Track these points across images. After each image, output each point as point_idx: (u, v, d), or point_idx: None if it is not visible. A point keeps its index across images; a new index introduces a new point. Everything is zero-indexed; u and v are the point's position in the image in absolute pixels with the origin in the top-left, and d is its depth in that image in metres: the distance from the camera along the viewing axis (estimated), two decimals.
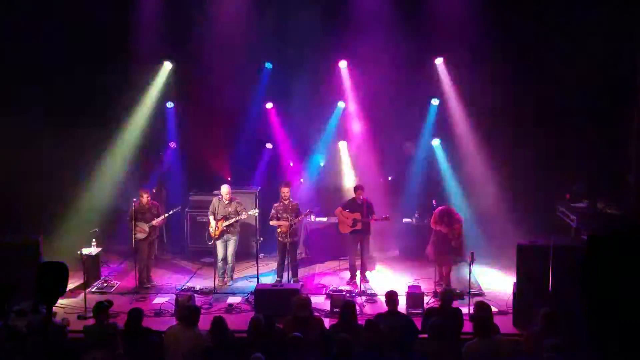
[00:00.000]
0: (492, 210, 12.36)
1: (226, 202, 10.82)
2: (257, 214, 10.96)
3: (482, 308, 7.57)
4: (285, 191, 10.74)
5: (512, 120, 12.27)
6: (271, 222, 10.86)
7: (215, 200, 10.98)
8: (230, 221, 10.75)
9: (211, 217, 10.84)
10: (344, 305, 7.58)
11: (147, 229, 10.62)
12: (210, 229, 10.86)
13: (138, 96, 12.80)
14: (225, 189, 10.85)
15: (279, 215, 10.75)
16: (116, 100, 12.51)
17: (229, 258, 10.94)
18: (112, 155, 12.69)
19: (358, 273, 10.87)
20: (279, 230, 10.75)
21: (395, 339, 7.02)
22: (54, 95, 12.13)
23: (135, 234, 10.58)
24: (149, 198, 10.74)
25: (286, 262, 10.77)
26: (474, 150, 12.70)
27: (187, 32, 12.46)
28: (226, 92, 12.65)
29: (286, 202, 10.74)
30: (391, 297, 7.66)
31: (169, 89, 13.03)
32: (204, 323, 7.38)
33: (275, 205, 10.87)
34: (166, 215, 10.93)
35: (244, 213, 10.74)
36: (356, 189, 11.04)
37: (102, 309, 7.44)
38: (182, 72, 12.95)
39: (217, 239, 10.80)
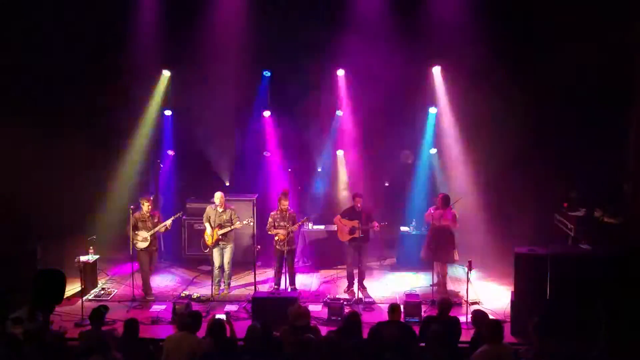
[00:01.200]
0: (489, 218, 12.38)
1: (220, 210, 10.77)
2: (251, 224, 10.89)
3: (479, 316, 7.56)
4: (284, 201, 10.74)
5: (509, 129, 12.29)
6: (269, 231, 10.85)
7: (208, 208, 10.91)
8: (225, 230, 10.70)
9: (207, 225, 10.82)
10: (350, 315, 7.54)
11: (148, 238, 10.54)
12: (206, 236, 10.82)
13: (136, 104, 12.81)
14: (218, 195, 10.80)
15: (276, 224, 10.75)
16: (115, 109, 12.51)
17: (226, 266, 10.90)
18: (110, 162, 12.69)
19: (355, 282, 10.86)
20: (276, 238, 10.75)
21: (396, 347, 7.00)
22: (54, 103, 12.15)
23: (136, 243, 10.50)
24: (149, 206, 10.60)
25: (283, 270, 10.76)
26: (470, 159, 12.73)
27: (185, 39, 12.48)
28: (224, 100, 12.68)
29: (283, 210, 10.74)
30: (394, 309, 7.63)
31: (167, 97, 13.05)
32: (201, 332, 7.37)
33: (272, 213, 10.87)
34: (169, 221, 10.72)
35: (238, 222, 10.70)
36: (355, 196, 11.03)
37: (98, 314, 7.42)
38: (180, 80, 12.96)
39: (213, 246, 10.76)
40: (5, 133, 11.49)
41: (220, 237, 10.71)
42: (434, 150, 13.06)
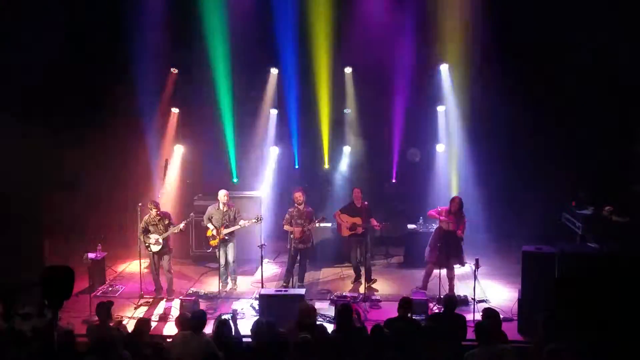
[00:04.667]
0: (496, 216, 12.36)
1: (224, 209, 10.76)
2: (260, 221, 10.85)
3: (490, 315, 7.52)
4: (297, 196, 10.73)
5: (517, 126, 12.28)
6: (285, 227, 10.86)
7: (210, 208, 10.89)
8: (232, 229, 10.69)
9: (209, 225, 10.80)
10: (339, 309, 7.52)
11: (160, 241, 10.46)
12: (209, 236, 10.79)
13: (145, 102, 12.86)
14: (222, 193, 10.79)
15: (292, 221, 10.74)
16: (123, 107, 12.56)
17: (231, 262, 10.92)
18: (118, 159, 12.75)
19: (363, 279, 10.85)
20: (291, 236, 10.74)
21: (403, 343, 6.98)
22: (59, 101, 12.20)
23: (148, 246, 10.43)
24: (157, 211, 10.46)
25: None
26: (478, 156, 12.72)
27: (192, 37, 12.51)
28: (232, 97, 12.72)
29: (301, 207, 10.73)
30: (405, 303, 7.60)
31: (175, 94, 13.10)
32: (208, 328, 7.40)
33: (290, 210, 10.84)
34: (182, 225, 10.53)
35: (242, 221, 10.67)
36: (354, 191, 11.04)
37: (105, 309, 7.47)
38: (187, 77, 13.00)
39: (218, 245, 10.75)
40: (12, 132, 11.54)
41: (225, 236, 10.71)
42: (441, 148, 13.04)
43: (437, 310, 9.45)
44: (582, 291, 7.08)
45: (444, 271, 10.31)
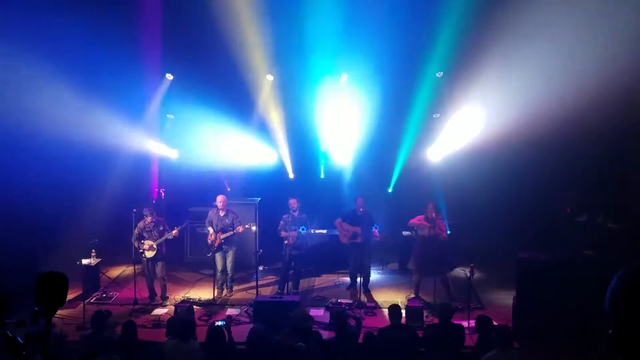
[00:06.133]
0: (492, 222, 12.36)
1: (222, 214, 10.77)
2: (253, 228, 10.87)
3: (483, 321, 7.52)
4: (292, 203, 10.74)
5: (513, 133, 12.28)
6: (281, 234, 10.86)
7: (211, 212, 10.91)
8: (228, 234, 10.70)
9: (210, 229, 10.80)
10: (335, 315, 7.53)
11: (155, 247, 10.50)
12: (210, 239, 10.78)
13: (140, 108, 12.83)
14: (219, 199, 10.80)
15: (287, 227, 10.74)
16: (117, 112, 12.51)
17: (229, 270, 10.89)
18: (113, 165, 12.69)
19: (359, 280, 10.83)
20: (285, 242, 10.73)
21: (397, 351, 6.98)
22: (56, 104, 12.15)
23: (142, 252, 10.47)
24: (152, 218, 10.53)
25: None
26: (474, 163, 12.71)
27: (189, 44, 12.49)
28: (226, 104, 12.70)
29: (295, 214, 10.73)
30: (394, 310, 7.61)
31: (170, 101, 13.08)
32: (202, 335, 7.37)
33: (284, 216, 10.85)
34: (176, 230, 10.62)
35: (239, 227, 10.69)
36: (357, 199, 11.04)
37: (100, 318, 7.43)
38: (183, 83, 12.98)
39: (216, 250, 10.74)
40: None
41: (222, 240, 10.70)
42: (437, 154, 13.04)
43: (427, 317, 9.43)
44: None
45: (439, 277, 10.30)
